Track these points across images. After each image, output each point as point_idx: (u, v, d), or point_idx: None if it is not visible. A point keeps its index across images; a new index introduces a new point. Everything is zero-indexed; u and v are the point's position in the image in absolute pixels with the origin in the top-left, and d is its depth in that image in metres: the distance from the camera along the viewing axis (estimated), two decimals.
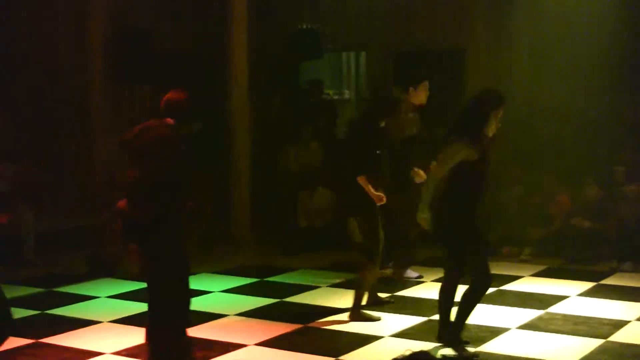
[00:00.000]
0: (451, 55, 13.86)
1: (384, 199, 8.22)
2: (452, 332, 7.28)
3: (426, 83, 9.66)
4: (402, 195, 8.99)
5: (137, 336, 7.32)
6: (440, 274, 9.81)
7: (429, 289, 9.42)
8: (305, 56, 14.88)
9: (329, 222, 11.83)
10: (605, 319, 8.26)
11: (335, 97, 16.39)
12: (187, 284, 6.73)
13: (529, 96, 13.71)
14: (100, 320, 8.43)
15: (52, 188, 11.57)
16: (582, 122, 13.31)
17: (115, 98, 12.51)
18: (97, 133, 12.04)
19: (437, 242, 7.50)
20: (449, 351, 7.22)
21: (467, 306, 7.19)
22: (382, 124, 8.33)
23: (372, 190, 8.16)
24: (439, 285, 9.46)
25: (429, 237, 8.89)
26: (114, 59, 12.38)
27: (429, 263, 10.31)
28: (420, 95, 9.61)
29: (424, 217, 7.05)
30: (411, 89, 9.60)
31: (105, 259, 10.43)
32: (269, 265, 10.91)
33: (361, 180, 8.15)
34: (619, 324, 8.08)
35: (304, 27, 14.39)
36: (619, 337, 7.73)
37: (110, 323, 8.34)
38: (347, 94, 16.73)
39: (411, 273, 9.99)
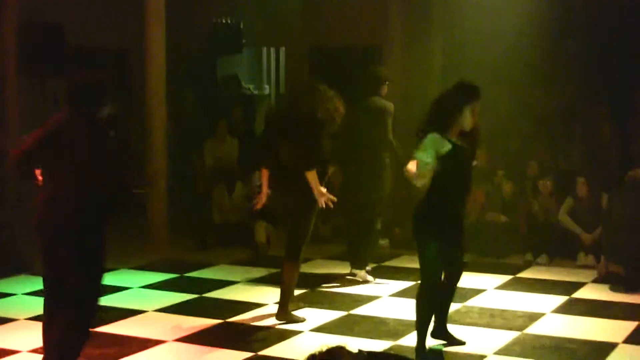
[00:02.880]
0: (367, 51, 13.95)
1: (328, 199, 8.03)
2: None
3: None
4: None
5: None
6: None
7: (346, 285, 9.51)
8: (223, 51, 14.84)
9: (245, 218, 11.83)
10: (521, 312, 8.41)
11: (256, 92, 16.40)
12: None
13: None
14: (16, 317, 8.29)
15: None
16: (495, 116, 13.52)
17: (27, 91, 12.31)
18: (10, 126, 11.83)
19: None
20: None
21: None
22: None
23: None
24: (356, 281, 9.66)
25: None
26: (26, 51, 12.18)
27: (343, 257, 10.35)
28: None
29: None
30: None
31: (17, 255, 10.22)
32: (187, 260, 10.86)
33: (310, 175, 7.91)
34: (534, 317, 8.23)
35: (222, 21, 14.35)
36: (533, 329, 7.87)
37: (27, 320, 8.18)
38: (267, 89, 16.74)
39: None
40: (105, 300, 8.75)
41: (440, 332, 7.33)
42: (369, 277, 9.69)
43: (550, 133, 12.94)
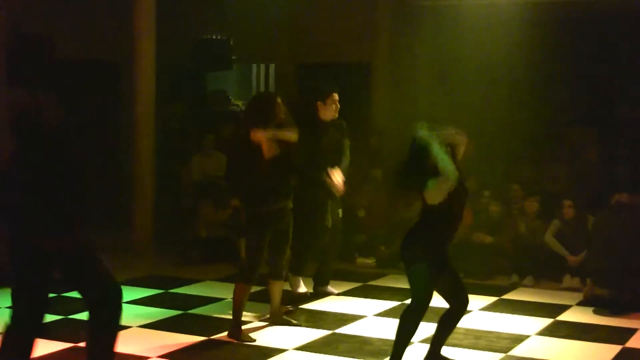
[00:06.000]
0: (356, 68, 13.98)
1: None
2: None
3: (334, 95, 9.33)
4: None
5: None
6: (346, 287, 10.06)
7: (333, 302, 9.49)
8: (213, 67, 14.85)
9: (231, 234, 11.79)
10: (505, 333, 8.40)
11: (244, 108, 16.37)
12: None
13: (431, 109, 13.89)
14: None
15: None
16: (482, 136, 13.53)
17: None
18: None
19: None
20: None
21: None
22: None
23: None
24: (343, 298, 9.64)
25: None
26: (11, 62, 12.12)
27: (335, 276, 10.32)
28: (328, 110, 9.34)
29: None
30: (319, 103, 9.35)
31: None
32: (172, 276, 10.81)
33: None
34: (518, 339, 8.22)
35: (211, 37, 14.36)
36: (517, 351, 7.85)
37: None
38: None
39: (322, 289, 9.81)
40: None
41: (435, 359, 7.26)
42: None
43: (537, 154, 12.96)
